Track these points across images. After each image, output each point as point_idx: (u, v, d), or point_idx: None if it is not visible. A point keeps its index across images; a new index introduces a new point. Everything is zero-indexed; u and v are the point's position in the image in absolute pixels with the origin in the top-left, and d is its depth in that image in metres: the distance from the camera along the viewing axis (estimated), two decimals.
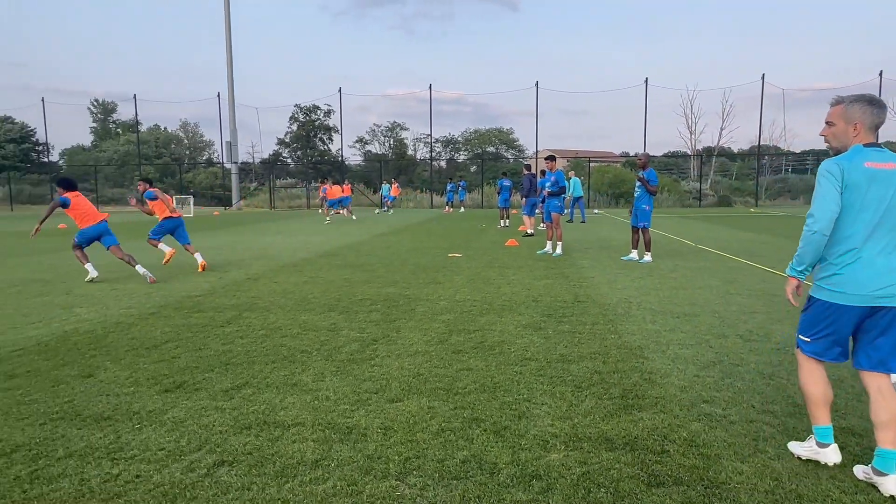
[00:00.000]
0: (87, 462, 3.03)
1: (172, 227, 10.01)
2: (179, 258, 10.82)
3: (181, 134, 58.50)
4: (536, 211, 16.13)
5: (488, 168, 45.62)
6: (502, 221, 19.77)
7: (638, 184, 10.54)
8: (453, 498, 2.66)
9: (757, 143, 40.82)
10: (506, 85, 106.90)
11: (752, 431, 3.32)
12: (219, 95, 40.80)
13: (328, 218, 24.36)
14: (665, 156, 51.87)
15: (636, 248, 10.70)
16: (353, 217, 24.60)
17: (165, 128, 56.06)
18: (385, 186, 34.62)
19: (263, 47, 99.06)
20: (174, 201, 10.12)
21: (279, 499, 2.66)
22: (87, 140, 57.88)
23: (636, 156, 11.83)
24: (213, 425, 3.47)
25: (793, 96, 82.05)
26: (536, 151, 37.86)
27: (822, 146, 3.07)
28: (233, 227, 21.45)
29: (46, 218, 8.70)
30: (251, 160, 50.81)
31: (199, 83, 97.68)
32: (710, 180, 44.03)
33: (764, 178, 43.53)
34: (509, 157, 53.89)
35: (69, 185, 8.86)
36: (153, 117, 68.76)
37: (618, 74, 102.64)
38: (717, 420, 3.49)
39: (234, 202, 39.35)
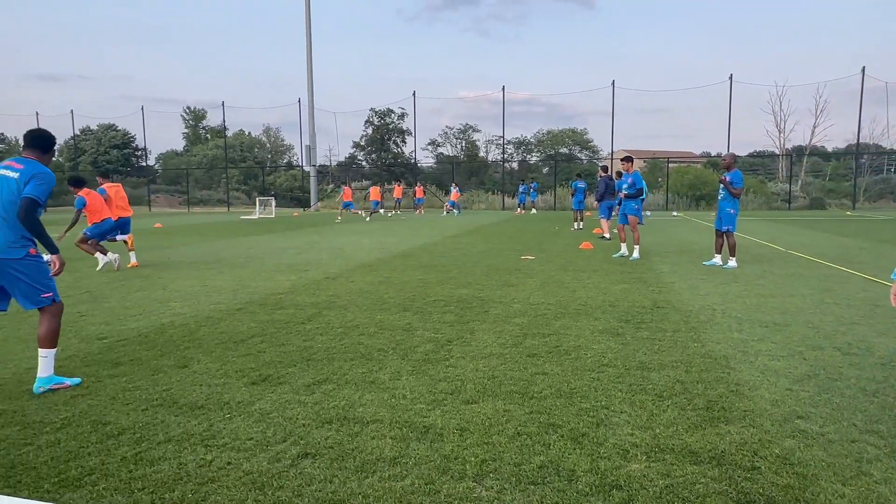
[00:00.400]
0: (184, 447, 3.23)
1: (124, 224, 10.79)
2: (267, 261, 11.33)
3: (264, 138, 61.39)
4: (612, 214, 15.72)
5: (561, 169, 44.94)
6: (576, 224, 19.41)
7: (722, 186, 10.06)
8: (531, 503, 2.64)
9: (855, 142, 37.93)
10: (580, 85, 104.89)
11: (855, 452, 3.09)
12: (299, 101, 42.50)
13: (367, 216, 26.55)
14: (751, 155, 49.18)
15: (720, 253, 10.21)
16: (368, 219, 26.49)
17: (249, 133, 59.04)
18: (455, 187, 34.95)
19: (341, 54, 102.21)
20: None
21: (360, 493, 2.73)
22: (179, 145, 61.91)
23: (720, 156, 11.29)
24: (297, 418, 3.62)
25: None
26: (612, 152, 36.91)
27: None
28: (311, 227, 22.26)
29: (74, 224, 9.77)
30: (328, 163, 52.54)
31: (282, 89, 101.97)
32: (800, 181, 41.36)
33: (862, 178, 40.40)
34: (583, 157, 52.87)
35: (80, 183, 9.94)
36: (239, 123, 72.97)
37: (700, 71, 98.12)
38: (814, 438, 3.27)
39: (312, 203, 40.83)
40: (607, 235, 15.34)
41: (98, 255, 10.14)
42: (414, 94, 41.20)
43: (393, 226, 22.45)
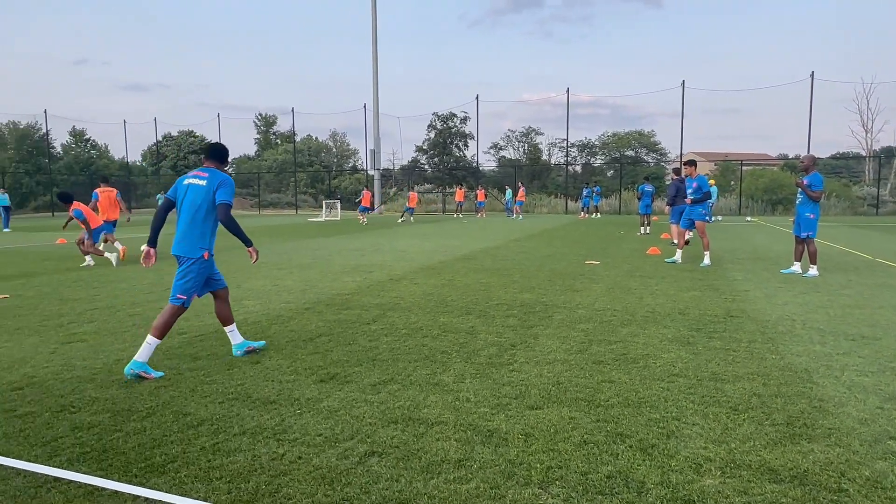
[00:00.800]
0: (258, 440, 3.36)
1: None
2: (333, 262, 11.63)
3: (330, 143, 63.09)
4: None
5: (627, 172, 43.82)
6: (643, 228, 18.87)
7: (800, 189, 9.53)
8: None
9: None
10: (647, 86, 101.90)
11: None
12: (364, 107, 43.42)
13: (364, 221, 28.40)
14: (833, 157, 46.30)
15: (799, 261, 9.66)
16: (411, 220, 29.30)
17: (317, 138, 60.76)
18: (508, 191, 34.76)
19: (405, 59, 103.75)
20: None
21: (425, 493, 2.76)
22: (251, 150, 64.46)
23: (798, 158, 10.73)
24: (363, 417, 3.69)
25: None
26: (681, 154, 35.65)
27: None
28: (375, 230, 22.68)
29: (90, 230, 11.39)
30: (392, 167, 53.41)
31: (348, 95, 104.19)
32: (889, 184, 38.55)
33: None
34: (650, 160, 51.32)
35: (68, 198, 11.53)
36: (307, 128, 75.33)
37: (777, 69, 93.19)
38: None
39: (375, 207, 41.62)
40: (676, 241, 14.76)
41: (89, 258, 11.49)
42: (477, 97, 41.37)
43: (455, 229, 22.57)
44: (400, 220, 29.63)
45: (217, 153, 5.02)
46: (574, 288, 8.34)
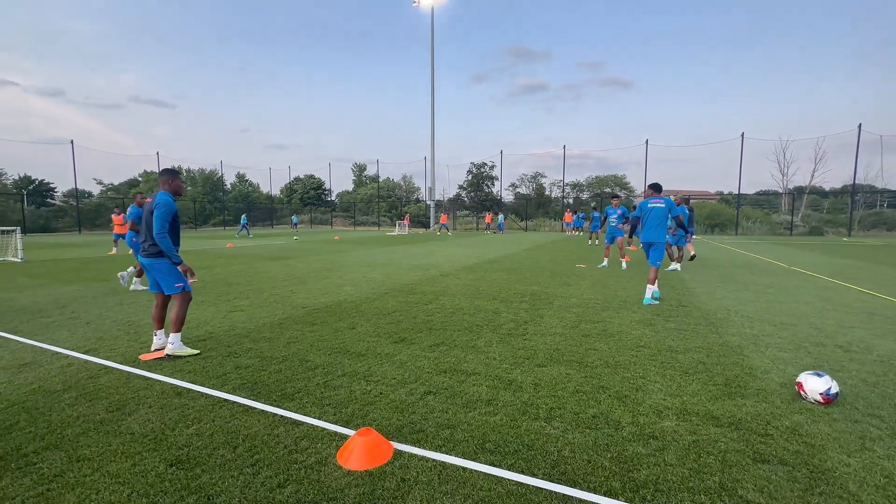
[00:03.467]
0: (354, 381, 3.40)
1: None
2: (403, 262, 11.70)
3: (401, 182, 63.87)
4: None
5: (606, 203, 42.55)
6: (591, 241, 18.62)
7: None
8: (587, 442, 2.50)
9: (852, 182, 32.39)
10: (621, 143, 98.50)
11: (858, 431, 2.61)
12: (425, 158, 43.77)
13: (448, 232, 30.88)
14: (758, 193, 43.61)
15: (672, 260, 9.80)
16: (450, 234, 30.39)
17: (392, 178, 61.66)
18: (501, 216, 34.64)
19: (453, 125, 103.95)
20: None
21: (465, 422, 2.73)
22: (350, 187, 65.92)
23: (731, 194, 10.27)
24: (424, 367, 3.69)
25: (892, 141, 63.41)
26: (644, 191, 34.34)
27: None
28: (431, 241, 22.76)
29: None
30: (442, 199, 53.52)
31: (414, 149, 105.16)
32: (801, 213, 36.02)
33: (857, 211, 34.34)
34: (622, 195, 49.69)
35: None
36: (386, 172, 76.14)
37: (716, 129, 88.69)
38: (820, 416, 2.80)
39: (430, 226, 41.82)
40: (687, 258, 12.83)
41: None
42: (501, 152, 41.16)
43: (485, 242, 22.42)
44: (437, 233, 30.66)
45: (657, 187, 6.18)
46: (568, 283, 8.13)
